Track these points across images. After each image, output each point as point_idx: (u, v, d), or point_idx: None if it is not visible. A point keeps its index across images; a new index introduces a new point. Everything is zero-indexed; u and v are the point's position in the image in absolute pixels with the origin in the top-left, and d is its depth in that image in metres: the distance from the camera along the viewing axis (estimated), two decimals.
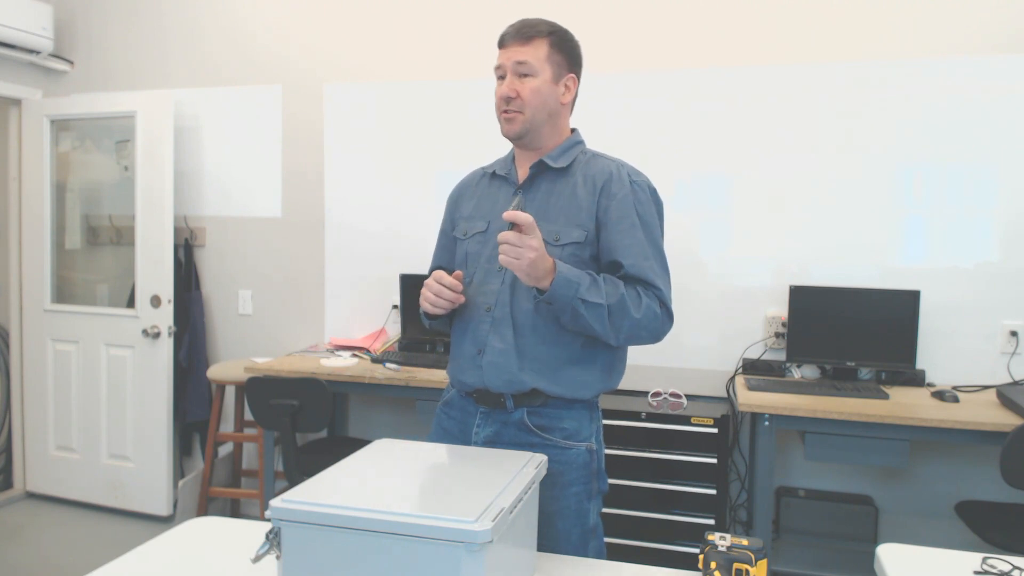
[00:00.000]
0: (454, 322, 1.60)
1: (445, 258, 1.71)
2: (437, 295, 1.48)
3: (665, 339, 1.52)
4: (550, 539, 1.46)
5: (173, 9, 3.69)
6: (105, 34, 3.80)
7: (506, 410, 1.52)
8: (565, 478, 1.50)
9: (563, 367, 1.50)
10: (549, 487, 1.46)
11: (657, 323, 1.47)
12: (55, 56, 3.77)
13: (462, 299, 1.50)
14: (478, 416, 1.55)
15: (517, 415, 1.51)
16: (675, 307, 2.49)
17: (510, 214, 1.33)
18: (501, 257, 1.35)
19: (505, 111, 1.52)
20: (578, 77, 1.59)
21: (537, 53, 1.50)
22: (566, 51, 1.55)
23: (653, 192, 1.56)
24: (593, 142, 1.65)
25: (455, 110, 3.29)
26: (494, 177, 1.64)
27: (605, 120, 3.08)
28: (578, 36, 1.63)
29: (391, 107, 3.40)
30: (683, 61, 3.03)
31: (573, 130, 1.62)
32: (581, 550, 1.51)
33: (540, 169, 1.55)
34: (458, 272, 1.50)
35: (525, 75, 1.50)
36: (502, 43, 1.53)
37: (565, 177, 1.54)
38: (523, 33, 1.51)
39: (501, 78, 1.53)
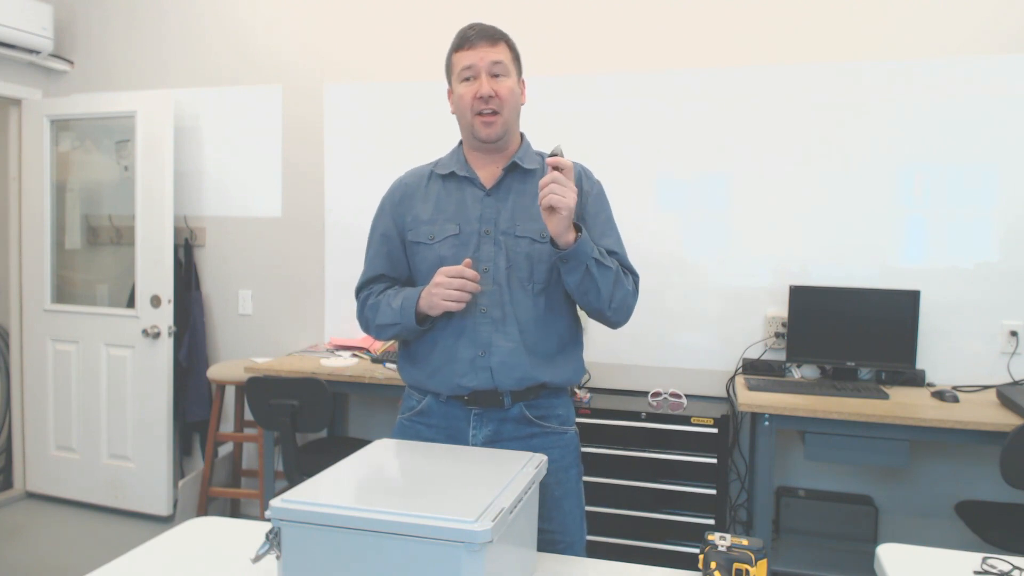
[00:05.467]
0: (433, 326, 1.55)
1: (385, 265, 1.64)
2: (461, 289, 1.44)
3: (665, 339, 1.54)
4: (559, 521, 1.51)
5: (173, 9, 3.69)
6: (105, 34, 3.80)
7: (503, 408, 1.52)
8: (565, 461, 1.57)
9: (557, 356, 1.55)
10: (553, 472, 1.50)
11: (633, 300, 1.57)
12: (55, 56, 3.78)
13: (478, 288, 1.47)
14: (472, 418, 1.53)
15: (515, 411, 1.52)
16: (676, 307, 2.52)
17: (554, 160, 1.37)
18: (550, 197, 1.35)
19: (482, 112, 1.51)
20: None
21: (506, 54, 1.53)
22: (518, 57, 1.59)
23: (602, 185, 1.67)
24: (592, 142, 1.66)
25: None
26: (450, 178, 1.59)
27: (604, 120, 3.08)
28: (576, 36, 1.64)
29: (391, 107, 3.40)
30: (682, 61, 3.03)
31: (522, 134, 1.64)
32: (582, 527, 1.59)
33: (511, 170, 1.56)
34: (467, 260, 1.47)
35: (498, 75, 1.51)
36: (468, 44, 1.53)
37: (533, 177, 1.56)
38: (490, 35, 1.53)
39: (466, 80, 1.52)
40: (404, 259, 1.63)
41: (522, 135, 1.64)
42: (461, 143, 1.63)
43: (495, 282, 1.51)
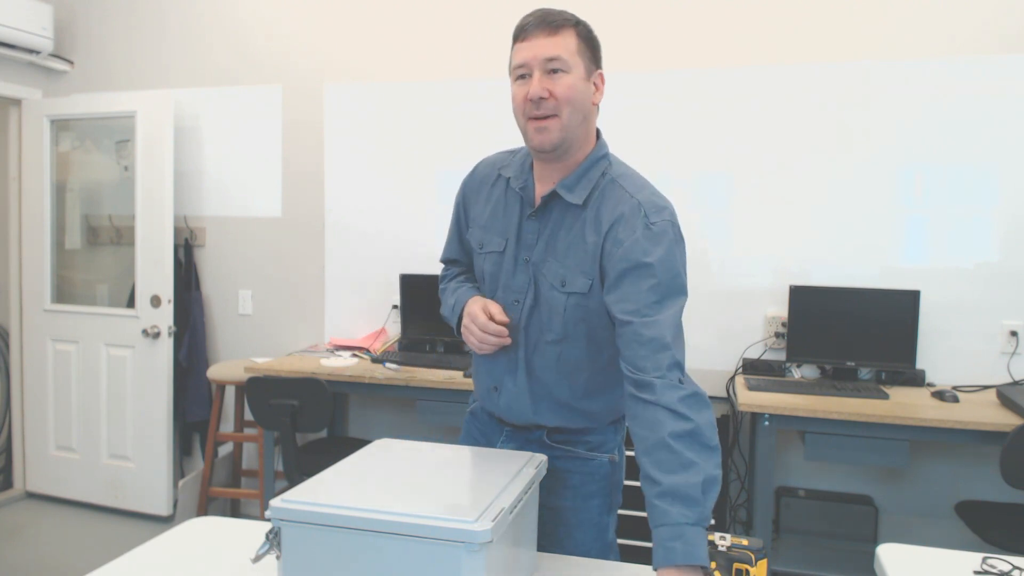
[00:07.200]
0: None
1: (458, 251, 1.59)
2: (482, 342, 1.37)
3: None
4: (569, 551, 1.42)
5: (173, 9, 3.69)
6: (105, 34, 3.80)
7: (529, 431, 1.46)
8: (587, 489, 1.44)
9: (578, 402, 1.41)
10: (571, 498, 1.44)
11: (703, 406, 1.17)
12: (55, 56, 3.77)
13: (508, 341, 1.37)
14: (503, 433, 1.49)
15: (538, 433, 1.46)
16: None
17: None
18: None
19: (535, 116, 1.29)
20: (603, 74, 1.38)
21: (567, 45, 1.28)
22: (593, 44, 1.35)
23: (674, 228, 1.32)
24: None
25: (455, 110, 3.29)
26: (510, 186, 1.44)
27: (604, 120, 3.07)
28: None
29: (391, 107, 3.40)
30: (682, 61, 3.03)
31: (598, 131, 1.43)
32: None
33: (552, 197, 1.37)
34: (509, 322, 1.38)
35: (556, 71, 1.28)
36: (523, 35, 1.30)
37: (577, 211, 1.35)
38: (549, 22, 1.28)
39: (522, 77, 1.30)
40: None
41: (599, 143, 1.40)
42: None
43: (520, 317, 1.39)
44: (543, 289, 1.36)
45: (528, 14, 1.32)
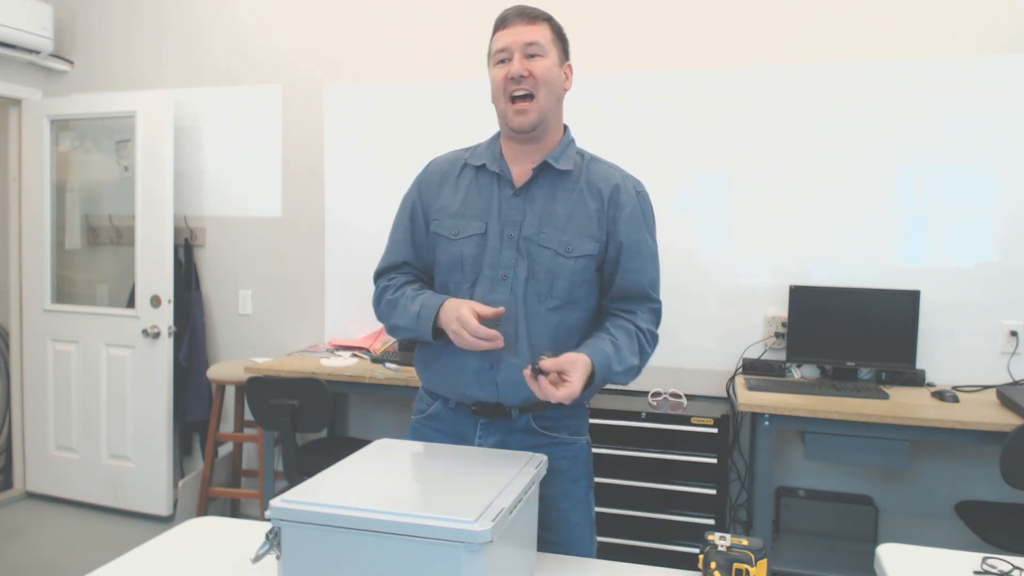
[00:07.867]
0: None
1: (409, 252, 1.57)
2: (474, 347, 1.36)
3: (665, 339, 1.54)
4: (565, 533, 1.45)
5: (173, 9, 3.69)
6: (105, 34, 3.80)
7: (510, 419, 1.47)
8: (574, 472, 1.50)
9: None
10: (560, 483, 1.46)
11: (656, 343, 1.51)
12: (55, 56, 3.77)
13: (501, 344, 1.36)
14: (478, 427, 1.48)
15: (522, 421, 1.47)
16: (676, 307, 2.46)
17: (550, 364, 1.28)
18: (562, 395, 1.27)
19: (515, 97, 1.42)
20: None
21: (544, 34, 1.44)
22: (563, 38, 1.51)
23: (648, 198, 1.55)
24: (593, 142, 1.63)
25: (455, 110, 3.29)
26: (482, 170, 1.50)
27: (604, 120, 3.08)
28: (577, 35, 1.62)
29: (391, 107, 3.40)
30: (682, 61, 3.03)
31: (565, 126, 1.54)
32: (590, 541, 1.53)
33: (543, 169, 1.46)
34: (501, 309, 1.38)
35: (534, 55, 1.42)
36: (504, 24, 1.45)
37: (567, 181, 1.47)
38: (528, 13, 1.44)
39: (502, 62, 1.44)
40: (429, 246, 1.54)
41: (566, 128, 1.53)
42: (500, 132, 1.54)
43: (513, 292, 1.42)
44: (543, 259, 1.43)
45: (507, 8, 1.47)
